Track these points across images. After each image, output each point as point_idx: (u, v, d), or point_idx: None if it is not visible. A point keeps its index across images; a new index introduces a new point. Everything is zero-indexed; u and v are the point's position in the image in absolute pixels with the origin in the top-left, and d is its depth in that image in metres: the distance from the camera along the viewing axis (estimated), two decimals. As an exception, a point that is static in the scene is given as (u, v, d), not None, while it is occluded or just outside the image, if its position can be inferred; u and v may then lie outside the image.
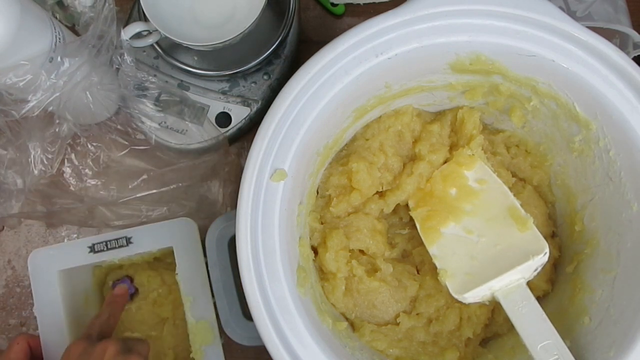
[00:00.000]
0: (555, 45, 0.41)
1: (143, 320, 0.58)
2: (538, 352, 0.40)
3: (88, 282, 0.57)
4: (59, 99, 0.45)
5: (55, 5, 0.57)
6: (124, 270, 0.58)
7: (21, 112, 0.45)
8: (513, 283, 0.43)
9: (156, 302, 0.58)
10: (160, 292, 0.58)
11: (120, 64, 0.49)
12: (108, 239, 0.52)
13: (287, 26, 0.55)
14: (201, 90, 0.56)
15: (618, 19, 0.52)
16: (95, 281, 0.58)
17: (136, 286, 0.58)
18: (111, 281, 0.58)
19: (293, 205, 0.42)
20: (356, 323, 0.47)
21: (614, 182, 0.43)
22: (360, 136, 0.49)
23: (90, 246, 0.52)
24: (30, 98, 0.44)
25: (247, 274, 0.38)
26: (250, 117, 0.56)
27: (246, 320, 0.50)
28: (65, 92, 0.45)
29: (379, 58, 0.40)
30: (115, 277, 0.58)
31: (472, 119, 0.48)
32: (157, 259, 0.58)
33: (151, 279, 0.58)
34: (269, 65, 0.56)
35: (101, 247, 0.52)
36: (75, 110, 0.51)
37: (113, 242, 0.52)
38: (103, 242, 0.52)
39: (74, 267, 0.53)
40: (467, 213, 0.47)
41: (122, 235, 0.52)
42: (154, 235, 0.52)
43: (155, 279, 0.58)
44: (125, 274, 0.58)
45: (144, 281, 0.58)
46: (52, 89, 0.44)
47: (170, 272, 0.57)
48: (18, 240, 0.59)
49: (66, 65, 0.45)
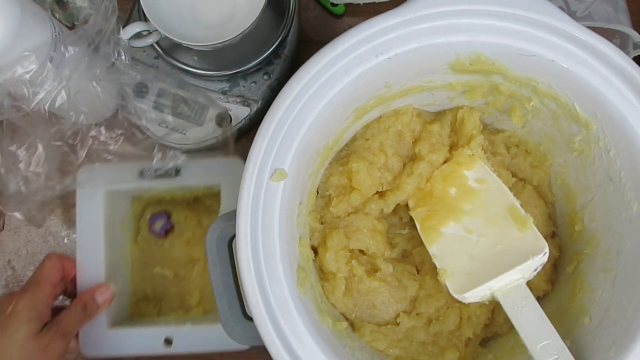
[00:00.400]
0: (555, 45, 0.41)
1: (174, 258, 0.59)
2: (538, 352, 0.40)
3: (126, 211, 0.58)
4: (67, 88, 0.45)
5: (54, 4, 0.57)
6: (163, 206, 0.59)
7: (31, 105, 0.45)
8: (513, 283, 0.43)
9: (189, 242, 0.58)
10: (195, 232, 0.58)
11: (121, 64, 0.49)
12: (157, 166, 0.53)
13: (287, 26, 0.55)
14: (201, 91, 0.56)
15: (618, 19, 0.52)
16: (133, 212, 0.59)
17: (172, 223, 0.58)
18: (149, 215, 0.59)
19: (293, 205, 0.42)
20: (356, 323, 0.47)
21: (614, 182, 0.43)
22: (360, 136, 0.49)
23: (140, 171, 0.53)
24: (39, 90, 0.44)
25: (247, 274, 0.38)
26: (250, 117, 0.56)
27: (246, 320, 0.50)
28: (73, 81, 0.45)
29: (379, 58, 0.40)
30: (154, 211, 0.59)
31: (472, 119, 0.48)
32: (197, 199, 0.59)
33: (188, 219, 0.59)
34: (269, 65, 0.56)
35: (150, 174, 0.53)
36: (86, 102, 0.51)
37: (162, 170, 0.53)
38: (152, 170, 0.53)
39: (117, 192, 0.53)
40: (467, 213, 0.47)
41: (172, 165, 0.52)
42: (204, 170, 0.52)
43: (192, 219, 0.58)
44: (163, 209, 0.59)
45: (181, 219, 0.59)
46: (59, 78, 0.44)
47: (208, 214, 0.58)
48: (18, 240, 0.59)
49: (71, 52, 0.44)
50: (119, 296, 0.55)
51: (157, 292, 0.59)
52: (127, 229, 0.58)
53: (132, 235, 0.59)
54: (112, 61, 0.49)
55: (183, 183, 0.53)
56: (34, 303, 0.47)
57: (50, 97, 0.45)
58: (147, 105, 0.54)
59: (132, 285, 0.59)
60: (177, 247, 0.58)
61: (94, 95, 0.50)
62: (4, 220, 0.61)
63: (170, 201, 0.59)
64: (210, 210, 0.57)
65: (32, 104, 0.44)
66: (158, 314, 0.58)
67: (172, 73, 0.56)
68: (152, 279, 0.59)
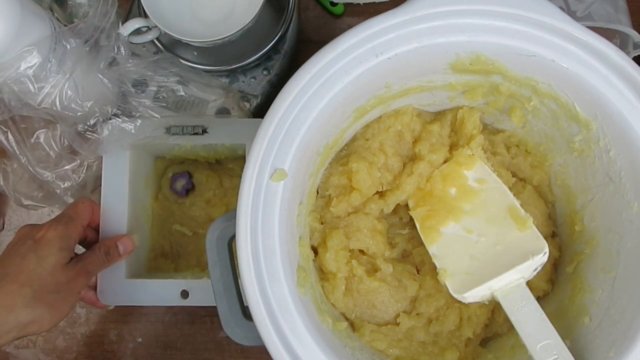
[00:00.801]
0: (555, 45, 0.41)
1: (193, 216, 0.60)
2: (537, 352, 0.40)
3: (149, 169, 0.59)
4: (72, 80, 0.45)
5: (53, 3, 0.57)
6: (185, 167, 0.60)
7: (38, 100, 0.45)
8: (513, 283, 0.43)
9: (210, 202, 0.59)
10: (216, 192, 0.60)
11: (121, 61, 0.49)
12: (185, 124, 0.53)
13: (287, 22, 0.55)
14: (201, 86, 0.56)
15: (618, 19, 0.52)
16: (155, 170, 0.60)
17: (194, 183, 0.60)
18: (171, 173, 0.60)
19: (293, 205, 0.42)
20: (356, 323, 0.47)
21: (614, 182, 0.43)
22: (360, 136, 0.49)
23: (167, 127, 0.53)
24: (44, 85, 0.44)
25: (247, 274, 0.38)
26: (249, 112, 0.57)
27: (246, 320, 0.50)
28: (78, 73, 0.45)
29: (379, 58, 0.40)
30: (176, 171, 0.60)
31: (472, 119, 0.48)
32: (219, 162, 0.60)
33: (210, 179, 0.60)
34: (269, 61, 0.56)
35: (177, 130, 0.53)
36: (95, 93, 0.51)
37: (189, 127, 0.53)
38: (180, 127, 0.53)
39: (142, 148, 0.54)
40: (466, 213, 0.47)
41: (199, 123, 0.53)
42: (231, 129, 0.53)
43: (213, 180, 0.59)
44: (185, 169, 0.60)
45: (203, 180, 0.60)
46: (63, 71, 0.44)
47: (229, 176, 0.59)
48: (18, 240, 0.59)
49: (73, 45, 0.44)
50: (137, 250, 0.55)
51: (175, 248, 0.61)
52: (149, 186, 0.59)
53: (154, 192, 0.60)
54: (112, 55, 0.49)
55: (209, 141, 0.53)
56: (67, 234, 0.48)
57: (56, 91, 0.45)
58: (148, 98, 0.54)
59: (151, 240, 0.60)
60: (197, 207, 0.60)
61: (103, 86, 0.50)
62: (4, 220, 0.61)
63: (192, 162, 0.60)
64: (232, 173, 0.58)
65: (39, 99, 0.44)
66: (175, 269, 0.60)
67: (174, 65, 0.56)
68: (171, 235, 0.61)
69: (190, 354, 0.59)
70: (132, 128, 0.52)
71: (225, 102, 0.56)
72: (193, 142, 0.54)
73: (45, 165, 0.52)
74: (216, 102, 0.55)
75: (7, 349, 0.59)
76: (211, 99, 0.55)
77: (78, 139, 0.51)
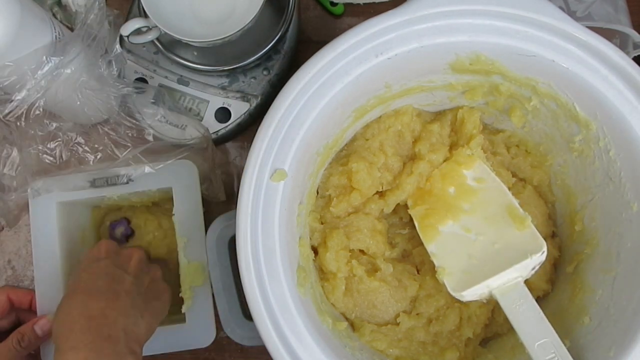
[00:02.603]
0: (555, 45, 0.41)
1: None
2: (535, 350, 0.40)
3: (86, 220, 0.57)
4: (43, 97, 0.45)
5: (54, 4, 0.57)
6: (122, 213, 0.59)
7: (4, 112, 0.45)
8: (511, 281, 0.43)
9: (151, 245, 0.58)
10: (156, 235, 0.58)
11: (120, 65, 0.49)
12: (109, 175, 0.52)
13: (287, 22, 0.55)
14: (201, 86, 0.57)
15: (618, 19, 0.52)
16: (93, 221, 0.58)
17: (133, 228, 0.58)
18: (109, 222, 0.59)
19: (293, 205, 0.42)
20: (356, 323, 0.47)
21: (614, 182, 0.43)
22: (360, 136, 0.49)
23: (91, 180, 0.52)
24: (14, 97, 0.44)
25: (247, 274, 0.38)
26: (249, 112, 0.57)
27: (246, 320, 0.50)
28: (50, 92, 0.45)
29: (379, 58, 0.40)
30: (113, 219, 0.59)
31: (472, 119, 0.48)
32: (156, 204, 0.59)
33: (148, 222, 0.58)
34: (269, 61, 0.56)
35: (102, 182, 0.52)
36: (70, 110, 0.51)
37: (114, 178, 0.52)
38: (104, 178, 0.52)
39: (73, 203, 0.53)
40: (465, 211, 0.47)
41: (123, 172, 0.52)
42: (155, 175, 0.52)
43: (152, 222, 0.58)
44: (123, 216, 0.59)
45: (141, 224, 0.58)
46: (36, 88, 0.44)
47: (167, 217, 0.58)
48: (18, 240, 0.59)
49: (51, 64, 0.44)
50: None
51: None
52: (89, 239, 0.57)
53: (94, 243, 0.57)
54: (101, 72, 0.49)
55: (135, 189, 0.52)
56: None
57: (24, 106, 0.45)
58: (146, 100, 0.54)
59: None
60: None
61: (78, 107, 0.49)
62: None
63: (129, 208, 0.58)
64: (169, 212, 0.57)
65: (6, 110, 0.44)
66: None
67: (171, 68, 0.56)
68: None
69: (190, 353, 0.59)
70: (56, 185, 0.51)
71: (225, 102, 0.56)
72: (119, 192, 0.53)
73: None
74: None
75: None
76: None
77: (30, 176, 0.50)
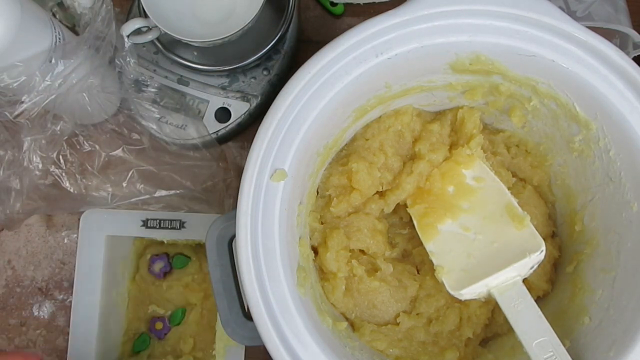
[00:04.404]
0: (555, 45, 0.41)
1: (171, 299, 0.58)
2: (533, 349, 0.40)
3: (127, 250, 0.57)
4: (54, 100, 0.45)
5: (55, 5, 0.57)
6: (165, 247, 0.58)
7: (14, 113, 0.45)
8: (509, 280, 0.43)
9: (188, 287, 0.58)
10: (195, 277, 0.58)
11: (123, 66, 0.49)
12: (162, 217, 0.52)
13: (287, 22, 0.55)
14: (201, 86, 0.57)
15: (618, 19, 0.52)
16: (134, 251, 0.58)
17: (172, 265, 0.58)
18: (149, 255, 0.58)
19: (293, 205, 0.42)
20: (356, 323, 0.47)
21: (614, 182, 0.43)
22: (360, 136, 0.49)
23: (144, 220, 0.52)
24: (24, 99, 0.44)
25: (247, 274, 0.38)
26: (249, 112, 0.57)
27: (246, 320, 0.50)
28: (60, 94, 0.45)
29: (379, 58, 0.40)
30: (155, 252, 0.58)
31: (472, 119, 0.48)
32: (201, 245, 0.58)
33: (190, 264, 0.58)
34: (269, 61, 0.57)
35: (154, 223, 0.52)
36: (72, 111, 0.51)
37: (167, 222, 0.52)
38: (157, 220, 0.52)
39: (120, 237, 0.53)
40: (464, 210, 0.47)
41: (176, 217, 0.52)
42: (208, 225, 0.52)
43: (194, 264, 0.58)
44: (165, 251, 0.58)
45: (182, 263, 0.58)
46: (47, 90, 0.44)
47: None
48: (18, 240, 0.59)
49: (61, 67, 0.44)
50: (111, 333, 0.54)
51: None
52: (129, 268, 0.57)
53: (132, 273, 0.58)
54: (118, 70, 0.49)
55: (186, 237, 0.52)
56: None
57: (35, 108, 0.44)
58: (147, 100, 0.54)
59: (126, 322, 0.58)
60: (175, 290, 0.57)
61: (82, 107, 0.50)
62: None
63: (172, 243, 0.58)
64: None
65: (16, 112, 0.44)
66: (148, 356, 0.57)
67: (171, 68, 0.56)
68: (146, 318, 0.58)
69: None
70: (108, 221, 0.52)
71: (225, 102, 0.56)
72: (170, 236, 0.53)
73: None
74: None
75: (7, 349, 0.59)
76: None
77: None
